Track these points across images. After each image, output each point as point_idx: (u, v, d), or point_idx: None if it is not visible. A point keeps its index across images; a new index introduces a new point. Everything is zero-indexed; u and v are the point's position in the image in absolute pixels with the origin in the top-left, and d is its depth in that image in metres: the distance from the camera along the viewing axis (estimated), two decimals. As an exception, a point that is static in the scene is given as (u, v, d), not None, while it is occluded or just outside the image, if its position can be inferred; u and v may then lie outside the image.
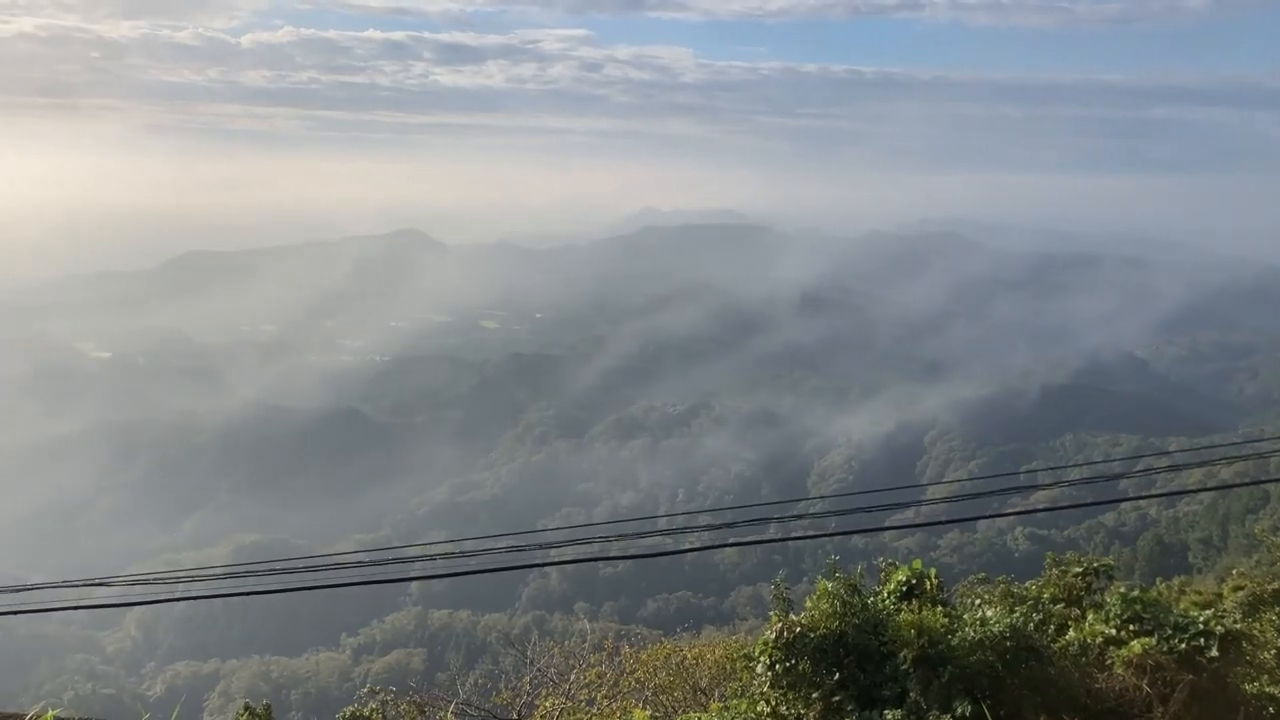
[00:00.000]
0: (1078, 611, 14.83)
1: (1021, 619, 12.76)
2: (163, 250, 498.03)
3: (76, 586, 15.90)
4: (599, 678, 25.94)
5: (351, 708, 22.80)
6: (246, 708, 21.56)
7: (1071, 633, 13.46)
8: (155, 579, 15.19)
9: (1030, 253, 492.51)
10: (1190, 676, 12.15)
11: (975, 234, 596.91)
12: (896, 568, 14.37)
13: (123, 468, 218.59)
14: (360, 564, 14.92)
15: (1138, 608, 13.17)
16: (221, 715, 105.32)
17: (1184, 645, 12.42)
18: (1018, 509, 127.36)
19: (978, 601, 14.67)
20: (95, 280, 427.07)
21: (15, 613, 14.89)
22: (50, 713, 5.68)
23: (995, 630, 12.23)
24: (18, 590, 15.17)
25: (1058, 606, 15.07)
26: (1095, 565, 16.32)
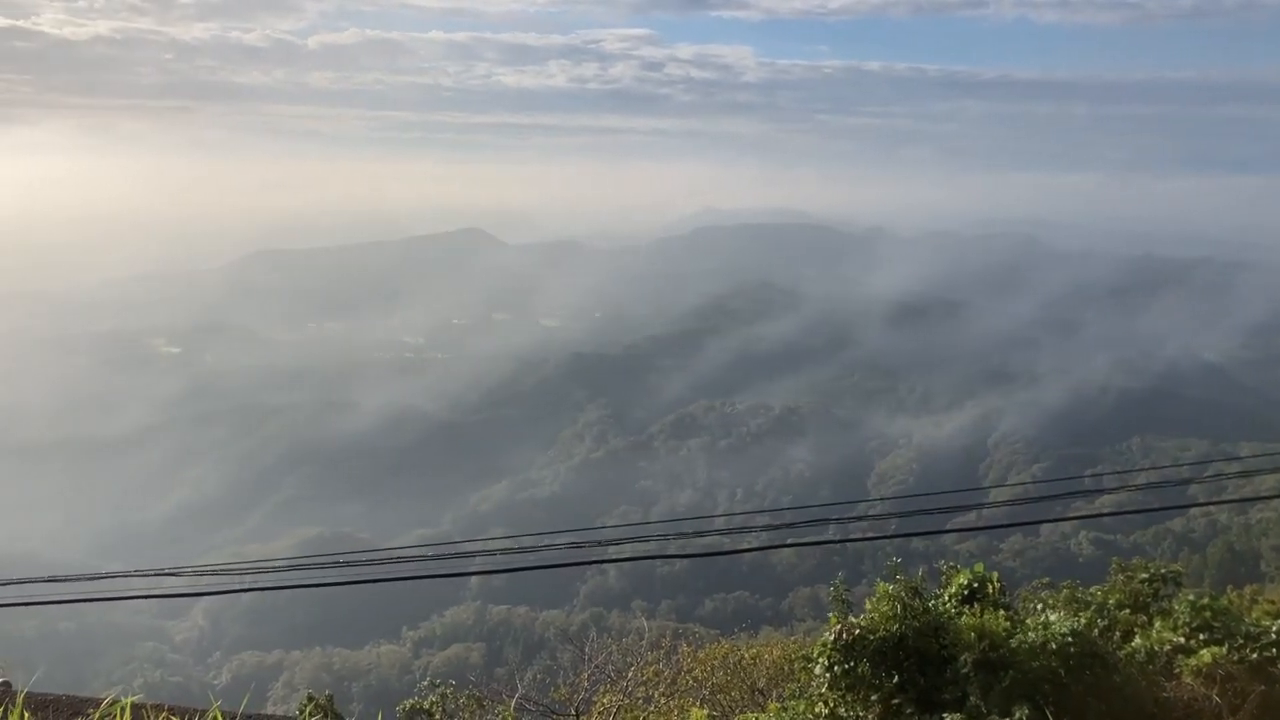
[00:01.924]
0: (1144, 618, 14.56)
1: (1086, 624, 12.57)
2: (231, 249, 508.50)
3: (147, 576, 16.31)
4: (657, 675, 26.02)
5: (412, 700, 23.12)
6: (310, 698, 21.97)
7: (1138, 640, 13.23)
8: (222, 570, 15.53)
9: (1097, 253, 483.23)
10: (1262, 687, 11.89)
11: (1041, 234, 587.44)
12: (958, 571, 14.23)
13: (191, 461, 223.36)
14: (421, 558, 15.12)
15: (1207, 615, 12.91)
16: (285, 705, 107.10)
17: (1256, 655, 12.16)
18: (1082, 513, 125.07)
19: (1041, 606, 14.48)
20: (165, 278, 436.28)
21: (88, 600, 15.30)
22: (127, 699, 5.81)
23: (1059, 635, 12.06)
24: (90, 579, 15.59)
25: (1124, 613, 14.81)
26: (1163, 571, 16.02)
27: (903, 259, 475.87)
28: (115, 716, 5.31)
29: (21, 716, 5.40)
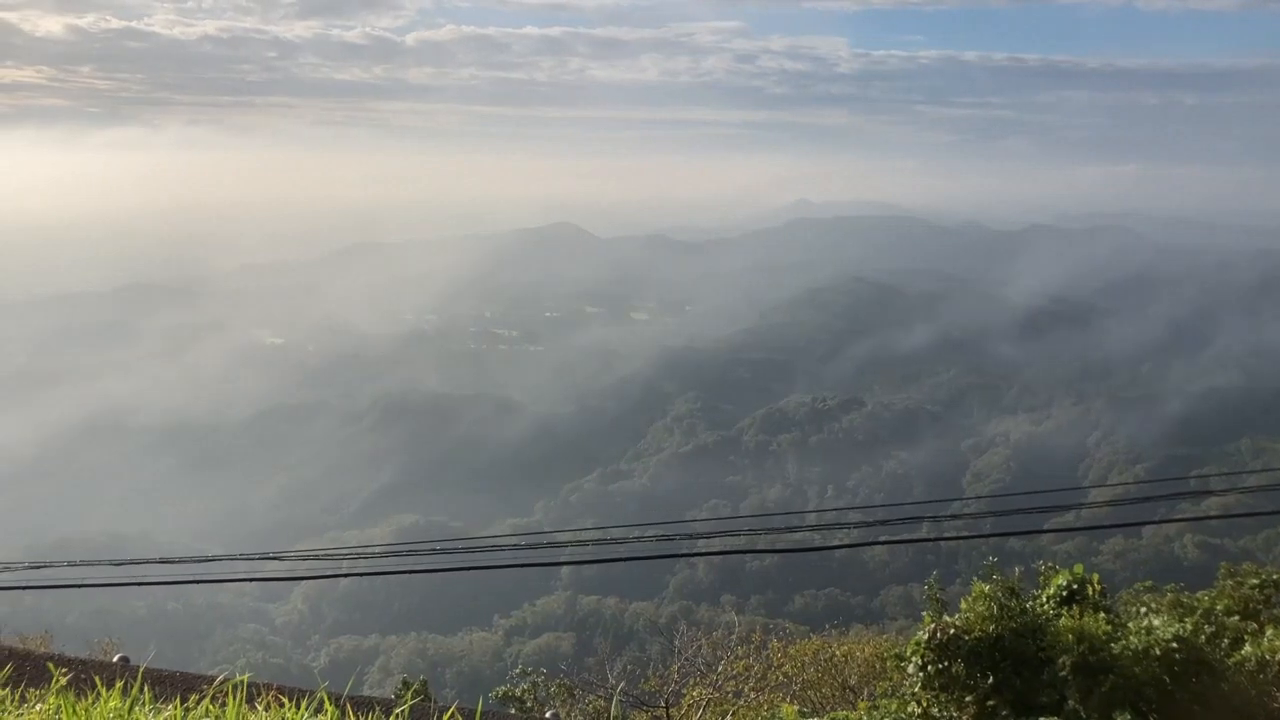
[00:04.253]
0: (1255, 626, 14.09)
1: (1192, 630, 12.20)
2: (329, 241, 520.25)
3: (251, 559, 16.87)
4: (746, 670, 26.03)
5: (504, 687, 23.50)
6: (405, 683, 22.49)
7: (1248, 648, 12.80)
8: (322, 555, 15.97)
9: (1207, 248, 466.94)
10: (1381, 700, 11.41)
11: (1144, 227, 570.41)
12: (1056, 571, 13.94)
13: (293, 449, 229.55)
14: (513, 547, 15.32)
15: (1322, 624, 12.43)
16: (381, 688, 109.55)
17: (1374, 666, 11.67)
18: (1187, 515, 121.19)
19: (1143, 610, 14.10)
20: (266, 270, 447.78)
21: (195, 582, 15.89)
22: (240, 676, 6.06)
23: (1163, 641, 11.73)
24: (197, 561, 16.17)
25: (1232, 619, 14.34)
26: (1275, 577, 15.48)
27: (999, 254, 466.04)
28: (228, 694, 5.53)
29: (142, 689, 5.65)
